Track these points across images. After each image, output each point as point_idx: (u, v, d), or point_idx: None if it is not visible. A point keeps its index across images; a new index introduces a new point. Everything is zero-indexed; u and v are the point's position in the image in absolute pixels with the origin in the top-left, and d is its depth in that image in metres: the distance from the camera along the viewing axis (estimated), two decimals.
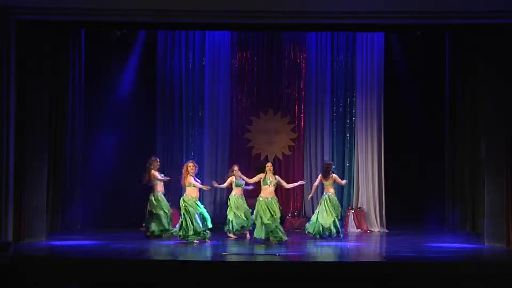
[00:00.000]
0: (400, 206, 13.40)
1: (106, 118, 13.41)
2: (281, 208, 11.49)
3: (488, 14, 10.35)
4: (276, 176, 11.57)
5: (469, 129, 12.57)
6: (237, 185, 11.91)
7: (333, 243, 11.32)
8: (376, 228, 13.45)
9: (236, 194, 11.89)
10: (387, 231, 13.38)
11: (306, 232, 12.00)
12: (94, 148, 13.23)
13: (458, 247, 10.58)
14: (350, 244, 11.41)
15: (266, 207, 11.17)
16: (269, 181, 11.37)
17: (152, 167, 11.93)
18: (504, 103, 10.69)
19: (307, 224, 12.17)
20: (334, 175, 12.15)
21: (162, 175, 12.05)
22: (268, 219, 11.07)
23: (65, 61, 12.35)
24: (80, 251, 10.00)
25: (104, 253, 9.77)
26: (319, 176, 12.21)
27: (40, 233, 10.90)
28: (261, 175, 11.49)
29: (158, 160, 12.15)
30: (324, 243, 11.32)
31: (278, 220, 11.24)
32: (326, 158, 13.59)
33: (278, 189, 11.84)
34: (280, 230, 11.12)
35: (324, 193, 12.07)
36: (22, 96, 10.62)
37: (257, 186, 11.66)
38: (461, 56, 12.80)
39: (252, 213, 11.57)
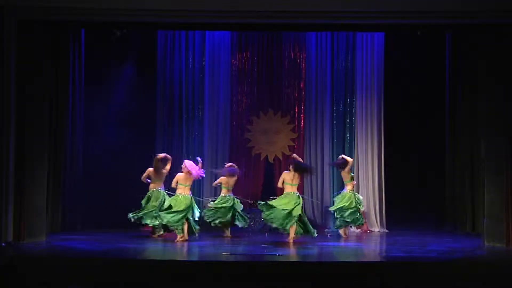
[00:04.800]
0: (400, 206, 13.40)
1: (106, 118, 13.43)
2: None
3: (488, 14, 10.36)
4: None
5: (469, 129, 12.57)
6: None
7: (332, 243, 11.33)
8: (376, 228, 13.45)
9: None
10: (387, 231, 13.38)
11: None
12: (94, 148, 13.22)
13: (458, 247, 10.58)
14: (350, 244, 11.41)
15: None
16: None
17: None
18: (504, 103, 10.69)
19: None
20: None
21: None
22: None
23: (65, 61, 12.34)
24: (80, 251, 9.99)
25: (104, 253, 9.76)
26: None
27: (40, 233, 10.89)
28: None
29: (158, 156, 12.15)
30: (324, 243, 11.32)
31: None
32: (327, 157, 13.69)
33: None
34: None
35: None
36: (22, 96, 10.62)
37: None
38: (461, 56, 12.80)
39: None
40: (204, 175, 11.87)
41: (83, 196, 13.01)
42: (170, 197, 11.62)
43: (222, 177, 12.28)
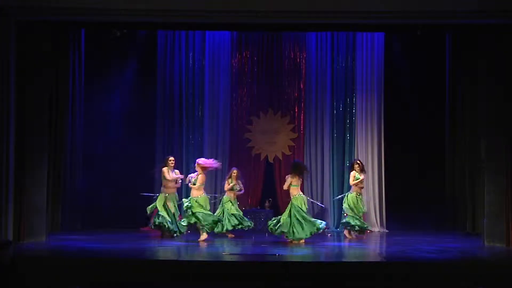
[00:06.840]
0: (400, 206, 13.39)
1: (106, 118, 13.43)
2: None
3: (488, 14, 10.35)
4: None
5: (469, 129, 12.58)
6: (232, 189, 12.37)
7: (332, 243, 11.33)
8: (376, 228, 13.45)
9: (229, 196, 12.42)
10: (387, 231, 13.38)
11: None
12: (94, 148, 13.23)
13: (458, 247, 10.58)
14: (351, 244, 11.41)
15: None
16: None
17: (164, 164, 12.03)
18: (504, 103, 10.69)
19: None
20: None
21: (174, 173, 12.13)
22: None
23: (65, 61, 12.36)
24: (80, 251, 9.99)
25: (104, 253, 9.76)
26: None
27: (40, 233, 10.90)
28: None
29: (172, 159, 12.18)
30: (324, 243, 11.33)
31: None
32: (327, 157, 13.69)
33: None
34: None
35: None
36: (22, 96, 10.62)
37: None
38: (461, 56, 12.81)
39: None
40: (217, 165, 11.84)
41: (83, 196, 13.01)
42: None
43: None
